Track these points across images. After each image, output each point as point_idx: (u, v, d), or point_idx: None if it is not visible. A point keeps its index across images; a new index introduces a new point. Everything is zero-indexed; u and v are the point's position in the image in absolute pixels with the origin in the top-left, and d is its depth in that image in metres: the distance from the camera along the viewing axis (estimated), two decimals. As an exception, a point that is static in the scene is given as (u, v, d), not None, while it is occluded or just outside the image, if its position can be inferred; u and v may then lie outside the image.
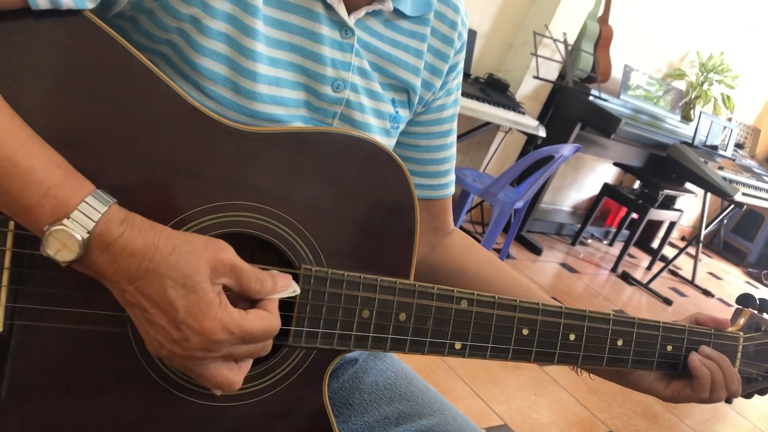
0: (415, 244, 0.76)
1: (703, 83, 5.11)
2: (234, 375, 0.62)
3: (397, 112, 0.85)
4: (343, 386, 0.93)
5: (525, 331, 0.79)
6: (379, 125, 0.83)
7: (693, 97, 5.12)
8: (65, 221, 0.55)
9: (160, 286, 0.57)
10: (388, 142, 0.86)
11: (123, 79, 0.62)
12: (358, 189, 0.72)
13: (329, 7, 0.74)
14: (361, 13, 0.77)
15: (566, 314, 0.81)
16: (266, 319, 0.62)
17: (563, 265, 4.35)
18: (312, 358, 0.72)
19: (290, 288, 0.65)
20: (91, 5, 0.61)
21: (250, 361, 0.65)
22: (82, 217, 0.55)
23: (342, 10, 0.75)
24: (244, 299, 0.63)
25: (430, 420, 0.89)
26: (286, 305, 0.74)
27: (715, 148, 4.76)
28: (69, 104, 0.60)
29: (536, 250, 4.28)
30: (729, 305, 4.82)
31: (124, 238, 0.56)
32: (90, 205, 0.56)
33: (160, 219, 0.63)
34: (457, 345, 0.76)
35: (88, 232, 0.55)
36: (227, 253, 0.61)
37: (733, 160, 5.13)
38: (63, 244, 0.55)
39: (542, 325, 0.80)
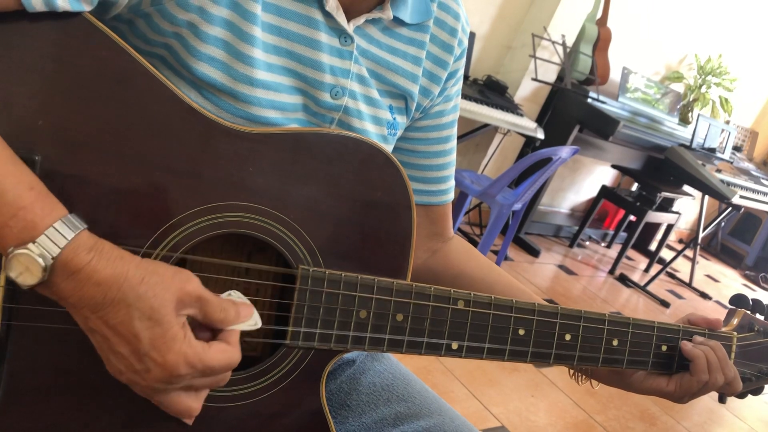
0: (412, 244, 0.76)
1: (701, 86, 5.12)
2: (193, 403, 0.63)
3: (394, 119, 0.85)
4: (341, 387, 0.93)
5: (521, 332, 0.80)
6: (376, 132, 0.83)
7: (691, 99, 5.13)
8: (30, 245, 0.53)
9: (126, 317, 0.56)
10: None
11: (121, 79, 0.62)
12: (356, 189, 0.73)
13: (328, 15, 0.74)
14: (361, 20, 0.77)
15: (562, 314, 0.82)
16: (228, 353, 0.62)
17: (561, 267, 4.35)
18: (309, 359, 0.72)
19: (252, 319, 0.65)
20: (87, 8, 0.60)
21: (208, 390, 0.64)
22: (47, 242, 0.54)
23: (341, 18, 0.75)
24: (204, 328, 0.63)
25: (428, 421, 0.89)
26: (283, 306, 0.74)
27: (713, 150, 4.77)
28: (67, 104, 0.60)
29: (534, 252, 4.28)
30: (726, 308, 4.81)
31: (92, 267, 0.55)
32: (58, 230, 0.55)
33: (158, 219, 0.64)
34: (454, 345, 0.77)
35: (53, 258, 0.54)
36: (193, 284, 0.60)
37: (731, 162, 5.14)
38: (26, 267, 0.53)
39: (538, 325, 0.80)
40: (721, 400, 0.94)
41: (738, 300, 0.98)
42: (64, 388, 0.63)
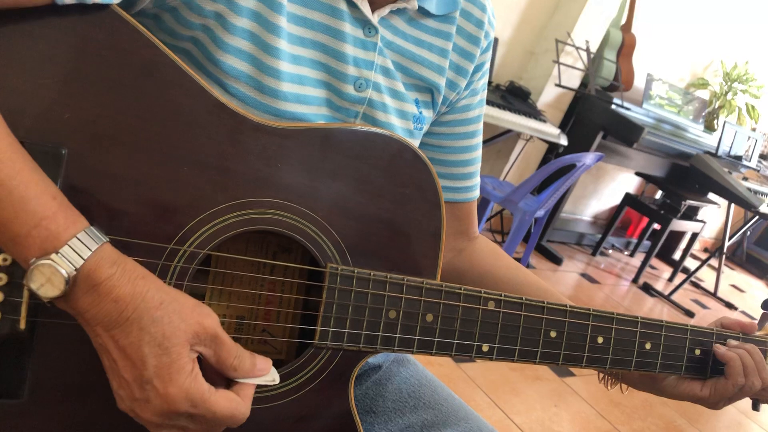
0: (442, 242, 0.75)
1: (727, 93, 5.05)
2: None
3: (420, 113, 0.84)
4: (367, 393, 0.91)
5: (553, 334, 0.78)
6: (402, 126, 0.82)
7: (717, 106, 5.06)
8: (53, 256, 0.52)
9: (137, 339, 0.54)
10: None
11: (150, 73, 0.61)
12: (384, 186, 0.71)
13: (353, 5, 0.73)
14: (385, 11, 0.76)
15: (594, 317, 0.80)
16: (235, 403, 0.58)
17: (583, 275, 4.30)
18: (338, 360, 0.71)
19: (269, 375, 0.61)
20: (115, 0, 0.60)
21: None
22: (71, 253, 0.53)
23: (366, 8, 0.74)
24: (219, 376, 0.60)
25: (455, 429, 0.87)
26: (310, 305, 0.72)
27: (739, 158, 4.70)
28: (94, 98, 0.59)
29: (556, 260, 4.24)
30: (753, 318, 4.73)
31: (113, 282, 0.54)
32: (81, 241, 0.53)
33: (185, 215, 0.63)
34: (485, 347, 0.75)
35: (76, 270, 0.53)
36: (212, 321, 0.58)
37: (758, 170, 5.06)
38: (48, 279, 0.52)
39: (570, 327, 0.79)
40: (755, 407, 0.92)
41: None
42: (88, 387, 0.62)
